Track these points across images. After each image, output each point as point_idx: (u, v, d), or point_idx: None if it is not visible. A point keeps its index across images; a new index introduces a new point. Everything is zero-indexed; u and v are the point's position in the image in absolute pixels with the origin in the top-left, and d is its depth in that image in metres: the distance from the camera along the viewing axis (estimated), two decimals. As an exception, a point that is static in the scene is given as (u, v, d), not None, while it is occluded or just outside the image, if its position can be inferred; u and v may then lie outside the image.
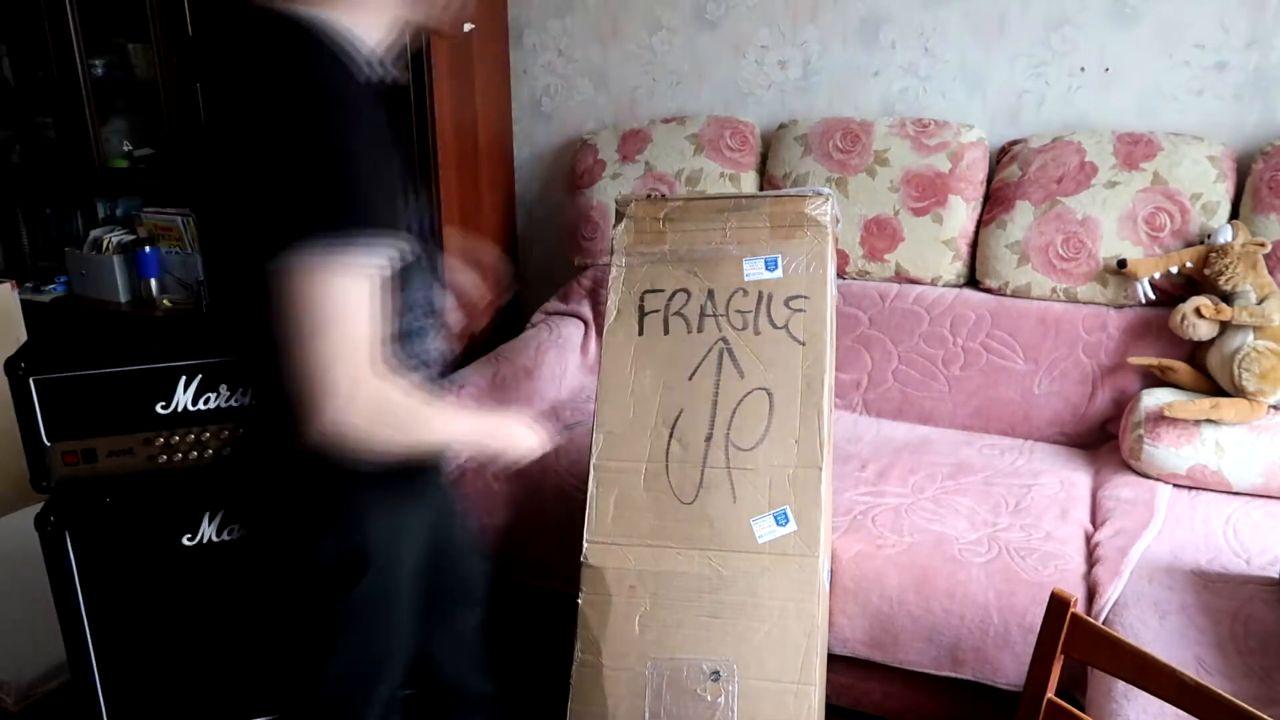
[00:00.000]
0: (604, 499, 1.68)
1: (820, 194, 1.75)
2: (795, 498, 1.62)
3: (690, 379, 1.71)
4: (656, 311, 1.75)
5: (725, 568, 1.61)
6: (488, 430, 1.23)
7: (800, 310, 1.70)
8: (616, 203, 1.84)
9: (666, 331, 1.74)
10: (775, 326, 1.70)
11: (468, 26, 2.54)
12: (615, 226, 1.81)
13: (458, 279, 1.43)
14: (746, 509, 1.63)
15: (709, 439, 1.67)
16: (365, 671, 1.22)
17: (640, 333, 1.75)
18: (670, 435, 1.69)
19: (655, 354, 1.74)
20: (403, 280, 1.07)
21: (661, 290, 1.76)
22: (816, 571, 1.58)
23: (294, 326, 0.96)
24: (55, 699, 1.89)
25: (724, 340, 1.71)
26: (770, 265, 1.73)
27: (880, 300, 2.31)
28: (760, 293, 1.72)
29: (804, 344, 1.68)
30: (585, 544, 1.67)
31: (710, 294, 1.74)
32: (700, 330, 1.73)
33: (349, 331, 0.97)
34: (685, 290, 1.75)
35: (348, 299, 0.96)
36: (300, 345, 0.97)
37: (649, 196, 1.83)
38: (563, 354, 2.47)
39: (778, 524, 1.61)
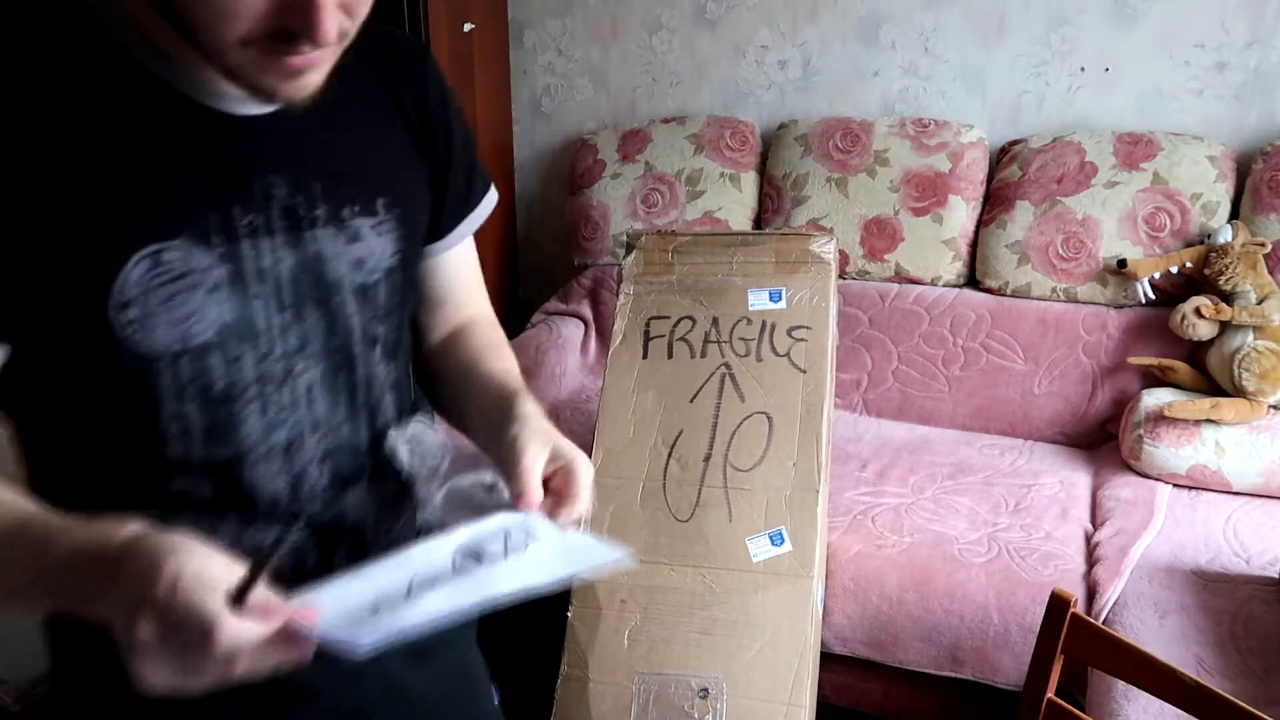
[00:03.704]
0: (600, 513, 1.68)
1: (825, 232, 1.82)
2: (791, 519, 1.62)
3: (692, 401, 1.73)
4: (661, 336, 1.79)
5: (718, 585, 1.61)
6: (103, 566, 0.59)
7: (802, 340, 1.72)
8: (628, 236, 1.89)
9: (670, 355, 1.77)
10: (777, 354, 1.72)
11: (468, 27, 2.54)
12: (626, 257, 1.86)
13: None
14: (742, 528, 1.63)
15: (708, 459, 1.68)
16: None
17: (644, 356, 1.78)
18: (669, 455, 1.70)
19: (658, 376, 1.76)
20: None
21: (667, 316, 1.79)
22: (810, 592, 1.57)
23: None
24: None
25: (726, 365, 1.73)
26: (775, 296, 1.76)
27: (880, 300, 2.31)
28: (764, 322, 1.75)
29: (805, 371, 1.70)
30: None
31: (715, 321, 1.76)
32: (704, 355, 1.75)
33: None
34: (690, 317, 1.78)
35: None
36: None
37: (659, 232, 1.89)
38: (562, 354, 2.46)
39: (773, 544, 1.61)
